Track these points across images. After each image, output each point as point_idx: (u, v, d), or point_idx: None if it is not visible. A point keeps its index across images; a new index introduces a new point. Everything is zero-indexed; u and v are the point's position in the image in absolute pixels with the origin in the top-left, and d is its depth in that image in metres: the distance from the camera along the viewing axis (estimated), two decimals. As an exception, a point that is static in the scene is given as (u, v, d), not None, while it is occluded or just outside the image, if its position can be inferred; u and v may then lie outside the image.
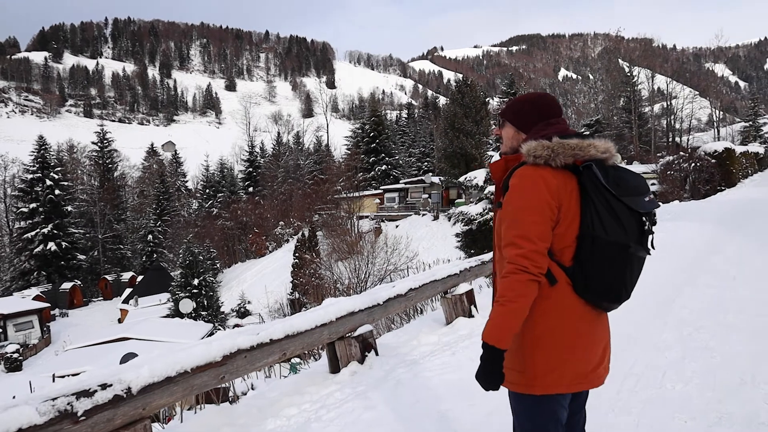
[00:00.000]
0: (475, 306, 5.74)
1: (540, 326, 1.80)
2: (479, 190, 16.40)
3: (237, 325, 32.26)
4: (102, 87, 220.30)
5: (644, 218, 1.78)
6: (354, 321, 4.19)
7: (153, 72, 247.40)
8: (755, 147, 38.36)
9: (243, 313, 33.83)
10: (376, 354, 4.36)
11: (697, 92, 64.07)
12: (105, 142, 65.20)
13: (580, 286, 1.78)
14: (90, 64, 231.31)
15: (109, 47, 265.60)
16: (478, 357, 1.78)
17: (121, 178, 69.29)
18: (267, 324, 3.63)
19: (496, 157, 17.70)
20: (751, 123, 57.14)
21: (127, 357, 18.09)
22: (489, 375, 1.76)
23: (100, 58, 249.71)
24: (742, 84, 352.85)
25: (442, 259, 21.75)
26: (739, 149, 30.64)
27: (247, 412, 3.44)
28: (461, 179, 18.24)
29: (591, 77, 68.18)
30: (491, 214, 15.31)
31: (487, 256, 6.54)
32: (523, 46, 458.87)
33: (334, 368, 4.23)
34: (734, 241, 9.71)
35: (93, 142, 67.08)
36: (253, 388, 5.75)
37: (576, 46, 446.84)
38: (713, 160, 26.34)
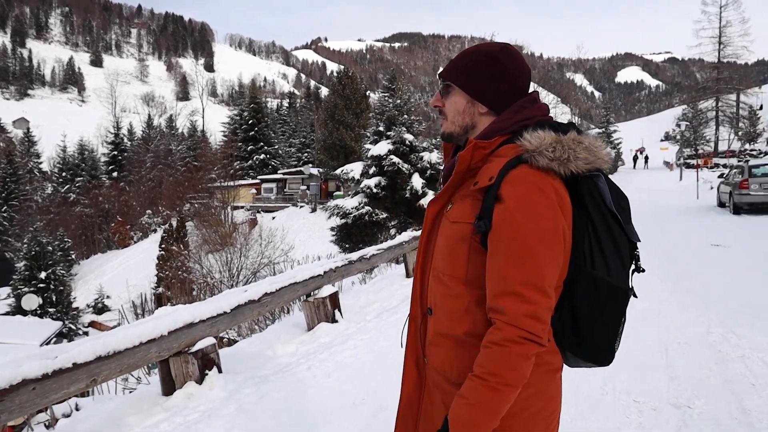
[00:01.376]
0: (340, 310, 5.32)
1: (522, 394, 1.22)
2: (356, 183, 16.15)
3: (93, 322, 29.60)
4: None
5: (635, 252, 1.30)
6: (192, 334, 3.58)
7: (3, 39, 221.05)
8: (608, 152, 42.01)
9: (100, 308, 31.15)
10: (219, 371, 3.77)
11: (559, 99, 69.24)
12: (-63, 114, 57.01)
13: (569, 341, 1.25)
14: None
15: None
16: (336, 371, 1.30)
17: (-43, 156, 60.96)
18: (73, 343, 2.93)
19: (374, 150, 17.56)
20: (604, 129, 62.80)
21: (-49, 363, 15.68)
22: None
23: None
24: (597, 94, 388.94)
25: (317, 254, 21.35)
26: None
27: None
28: (338, 171, 17.90)
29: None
30: (366, 208, 15.10)
31: (355, 255, 6.15)
32: (405, 44, 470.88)
33: (168, 389, 3.59)
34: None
35: None
36: (77, 409, 4.93)
37: (454, 47, 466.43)
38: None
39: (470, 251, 1.25)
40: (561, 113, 69.14)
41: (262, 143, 53.38)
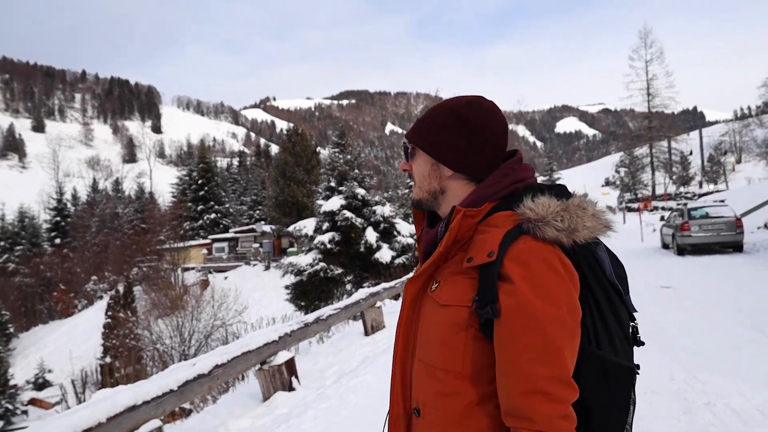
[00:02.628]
0: (296, 376, 5.04)
1: None
2: (309, 239, 15.93)
3: (33, 399, 27.65)
4: None
5: (634, 325, 1.17)
6: (135, 418, 3.27)
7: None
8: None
9: (41, 384, 29.25)
10: (165, 458, 3.46)
11: (503, 150, 71.70)
12: None
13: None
14: None
15: None
16: None
17: None
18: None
19: (327, 205, 17.47)
20: (548, 177, 65.05)
21: None
22: None
23: None
24: (538, 144, 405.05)
25: (273, 313, 20.78)
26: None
27: None
28: (291, 228, 17.69)
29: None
30: (321, 264, 14.86)
31: (311, 317, 5.92)
32: (353, 101, 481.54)
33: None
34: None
35: None
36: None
37: (401, 103, 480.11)
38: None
39: (469, 340, 1.05)
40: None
41: (212, 202, 52.61)
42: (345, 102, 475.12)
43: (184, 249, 40.24)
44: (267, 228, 41.29)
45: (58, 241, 58.05)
